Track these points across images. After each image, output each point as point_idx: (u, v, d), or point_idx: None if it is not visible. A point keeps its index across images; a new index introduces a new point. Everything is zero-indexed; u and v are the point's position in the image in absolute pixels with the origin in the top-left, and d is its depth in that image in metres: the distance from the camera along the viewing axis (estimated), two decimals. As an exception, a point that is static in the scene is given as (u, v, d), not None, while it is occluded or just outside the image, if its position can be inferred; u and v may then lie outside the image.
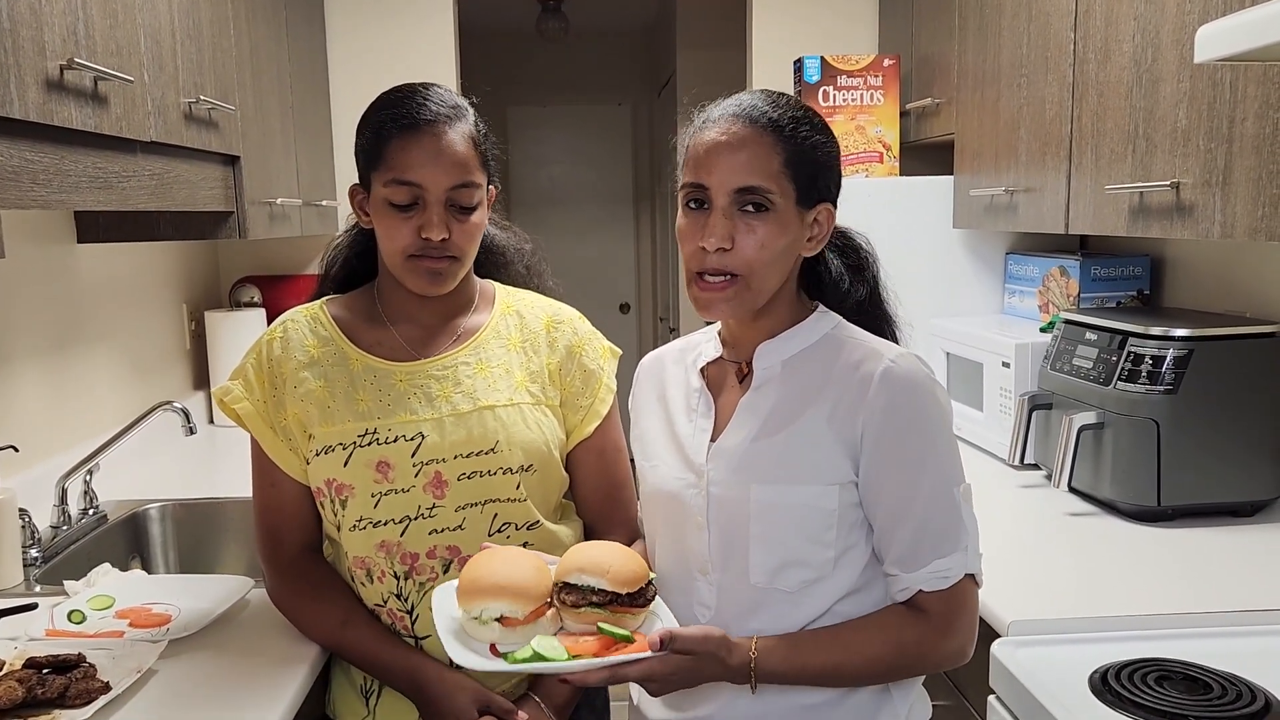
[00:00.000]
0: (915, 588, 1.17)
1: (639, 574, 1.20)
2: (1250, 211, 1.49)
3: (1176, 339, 1.84)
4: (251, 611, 1.56)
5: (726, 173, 1.16)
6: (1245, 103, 1.49)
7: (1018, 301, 2.66)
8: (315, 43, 3.13)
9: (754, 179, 1.16)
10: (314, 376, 1.41)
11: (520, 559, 1.22)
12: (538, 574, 1.20)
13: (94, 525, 2.03)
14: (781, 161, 1.17)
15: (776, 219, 1.17)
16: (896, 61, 2.92)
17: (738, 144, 1.16)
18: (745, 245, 1.16)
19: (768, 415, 1.22)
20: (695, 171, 1.19)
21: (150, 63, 1.70)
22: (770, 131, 1.17)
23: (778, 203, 1.16)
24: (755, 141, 1.16)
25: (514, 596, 1.17)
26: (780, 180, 1.17)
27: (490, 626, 1.17)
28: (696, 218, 1.19)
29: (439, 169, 1.32)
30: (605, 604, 1.18)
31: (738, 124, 1.18)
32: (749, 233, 1.16)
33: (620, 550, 1.22)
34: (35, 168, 1.33)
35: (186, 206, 1.93)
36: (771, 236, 1.17)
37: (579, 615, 1.18)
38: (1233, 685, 1.26)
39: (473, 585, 1.18)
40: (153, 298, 2.77)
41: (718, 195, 1.17)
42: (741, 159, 1.16)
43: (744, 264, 1.17)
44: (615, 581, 1.17)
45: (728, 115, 1.19)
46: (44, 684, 1.26)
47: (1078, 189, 2.00)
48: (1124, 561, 1.71)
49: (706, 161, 1.17)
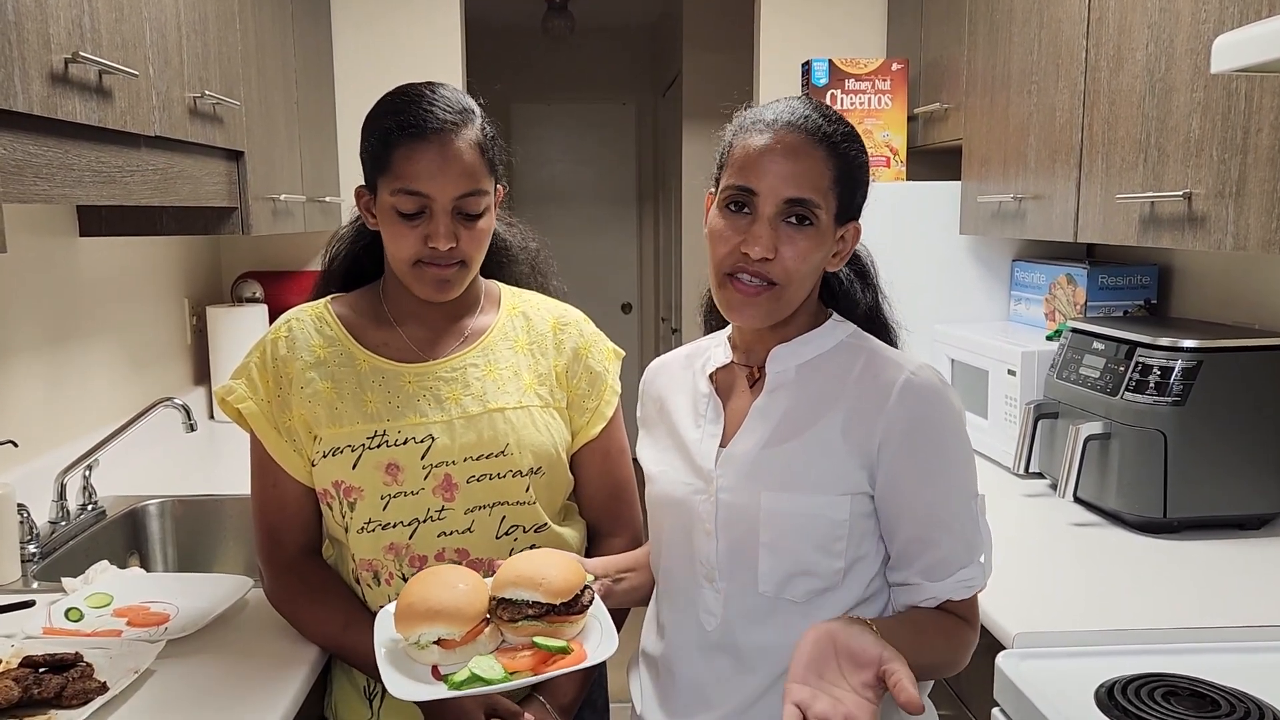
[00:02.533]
0: (944, 596, 1.16)
1: (573, 582, 1.20)
2: (1264, 224, 1.47)
3: (1185, 350, 1.82)
4: (251, 612, 1.55)
5: (778, 181, 1.14)
6: (1260, 114, 1.48)
7: (1023, 309, 2.65)
8: (321, 38, 3.11)
9: (805, 192, 1.14)
10: (320, 377, 1.39)
11: (454, 579, 1.22)
12: (472, 593, 1.20)
13: (92, 521, 2.02)
14: (832, 178, 1.15)
15: (817, 233, 1.16)
16: (905, 65, 2.90)
17: (792, 154, 1.14)
18: (786, 255, 1.15)
19: (780, 421, 1.21)
20: (744, 174, 1.16)
21: (155, 56, 1.68)
22: (824, 145, 1.15)
23: (821, 217, 1.15)
24: (810, 154, 1.15)
25: (449, 620, 1.17)
26: (828, 196, 1.15)
27: (430, 650, 1.17)
28: (736, 221, 1.17)
29: (446, 179, 1.30)
30: (541, 615, 1.18)
31: (793, 133, 1.15)
32: (790, 244, 1.15)
33: (556, 559, 1.22)
34: (39, 161, 1.31)
35: (190, 202, 1.91)
36: (811, 249, 1.16)
37: (516, 629, 1.19)
38: (1240, 702, 1.25)
39: (408, 611, 1.18)
40: (154, 292, 2.75)
41: (765, 203, 1.15)
42: (795, 170, 1.14)
43: (784, 273, 1.15)
44: (549, 593, 1.18)
45: (782, 122, 1.16)
46: (40, 683, 1.24)
47: (1087, 197, 1.99)
48: (1130, 574, 1.70)
49: (758, 167, 1.15)
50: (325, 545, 1.49)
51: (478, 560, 1.38)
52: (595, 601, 1.24)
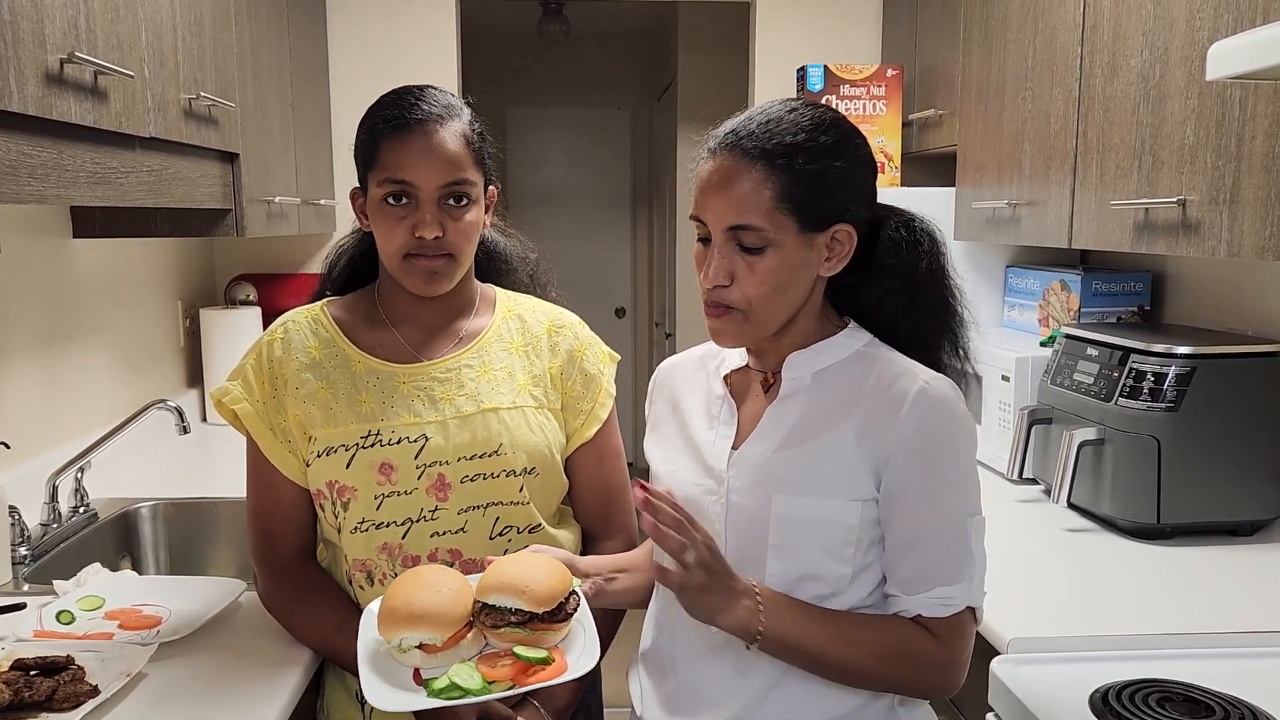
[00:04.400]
0: (915, 611, 1.16)
1: (558, 590, 1.19)
2: (1258, 230, 1.48)
3: (1179, 356, 1.83)
4: (244, 615, 1.55)
5: (720, 210, 1.14)
6: (1255, 121, 1.49)
7: (1017, 315, 2.65)
8: (316, 41, 3.11)
9: (744, 217, 1.12)
10: (316, 378, 1.39)
11: (439, 582, 1.21)
12: (456, 597, 1.19)
13: (84, 524, 2.01)
14: (773, 195, 1.12)
15: (776, 254, 1.14)
16: (900, 72, 2.91)
17: (726, 180, 1.13)
18: (745, 282, 1.14)
19: (793, 426, 1.21)
20: (695, 203, 1.18)
21: (151, 58, 1.68)
22: (761, 162, 1.12)
23: (774, 238, 1.13)
24: (743, 176, 1.12)
25: (431, 625, 1.16)
26: (774, 216, 1.12)
27: (412, 654, 1.17)
28: (702, 251, 1.18)
29: (430, 167, 1.32)
30: (524, 623, 1.17)
31: (726, 156, 1.14)
32: (748, 270, 1.14)
33: (542, 563, 1.22)
34: (33, 162, 1.31)
35: (185, 203, 1.91)
36: (770, 272, 1.14)
37: (499, 635, 1.18)
38: (1234, 708, 1.25)
39: (391, 615, 1.17)
40: (147, 294, 2.74)
41: (714, 232, 1.15)
42: (731, 197, 1.13)
43: (743, 299, 1.15)
44: (532, 601, 1.17)
45: (719, 145, 1.16)
46: (31, 686, 1.24)
47: (1082, 203, 1.99)
48: (1124, 579, 1.70)
49: (703, 197, 1.16)
50: (319, 549, 1.48)
51: (470, 560, 1.38)
52: (581, 607, 1.23)
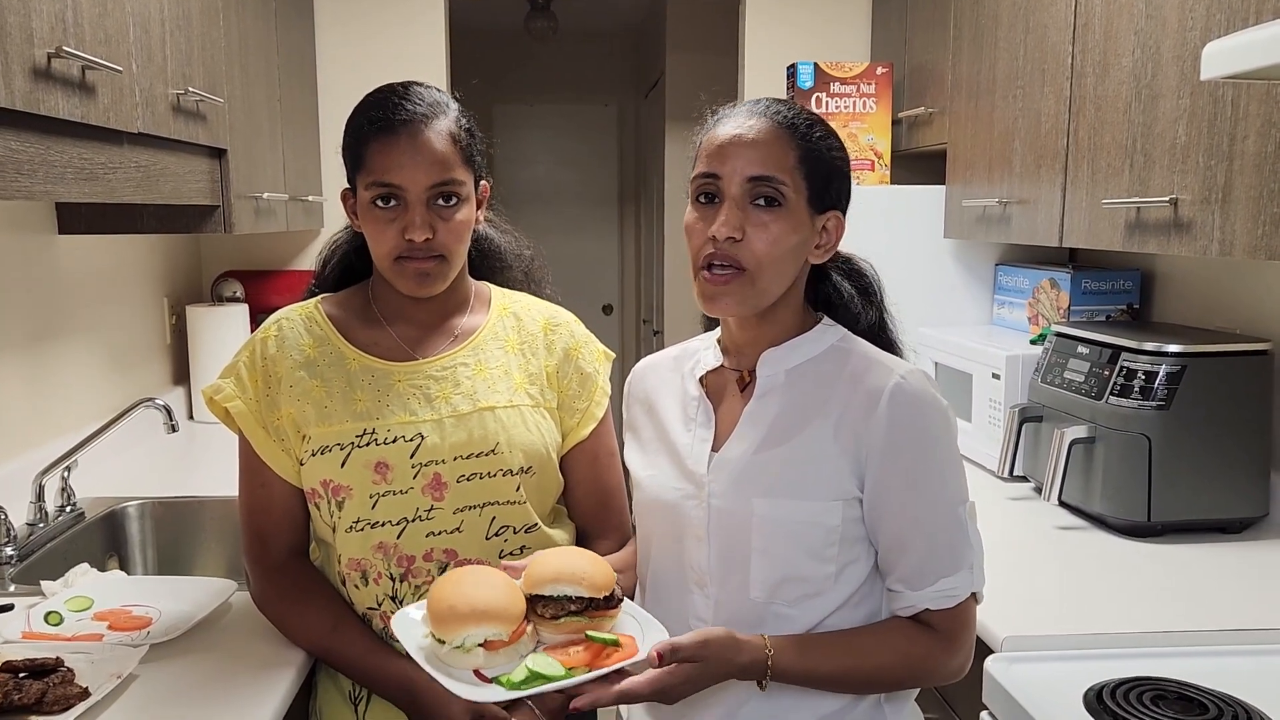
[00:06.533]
0: (921, 606, 1.16)
1: (610, 576, 1.18)
2: (1250, 230, 1.48)
3: (1170, 355, 1.84)
4: (235, 615, 1.53)
5: (741, 162, 1.15)
6: (1247, 120, 1.49)
7: (1007, 313, 2.66)
8: (304, 36, 3.09)
9: (769, 169, 1.15)
10: (310, 376, 1.38)
11: (489, 578, 1.18)
12: (512, 591, 1.17)
13: (71, 523, 1.99)
14: (796, 158, 1.16)
15: (788, 215, 1.16)
16: (890, 70, 2.91)
17: (753, 136, 1.16)
18: (755, 239, 1.15)
19: (771, 426, 1.20)
20: (709, 162, 1.18)
21: (139, 52, 1.66)
22: (786, 129, 1.17)
23: (790, 197, 1.16)
24: (771, 135, 1.16)
25: (496, 620, 1.13)
26: (794, 175, 1.16)
27: (475, 653, 1.13)
28: (706, 211, 1.18)
29: (417, 169, 1.30)
30: (583, 610, 1.16)
31: (754, 119, 1.18)
32: (760, 227, 1.15)
33: (585, 554, 1.21)
34: (20, 158, 1.29)
35: (172, 199, 1.89)
36: (783, 233, 1.15)
37: (558, 626, 1.16)
38: (1228, 706, 1.26)
39: (451, 613, 1.13)
40: (133, 291, 2.72)
41: (730, 184, 1.16)
42: (757, 150, 1.16)
43: (753, 258, 1.15)
44: (592, 587, 1.16)
45: (743, 111, 1.20)
46: (20, 689, 1.22)
47: (1073, 202, 2.00)
48: (1116, 577, 1.71)
49: (721, 153, 1.17)
50: (312, 548, 1.47)
51: (464, 560, 1.37)
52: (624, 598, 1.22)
